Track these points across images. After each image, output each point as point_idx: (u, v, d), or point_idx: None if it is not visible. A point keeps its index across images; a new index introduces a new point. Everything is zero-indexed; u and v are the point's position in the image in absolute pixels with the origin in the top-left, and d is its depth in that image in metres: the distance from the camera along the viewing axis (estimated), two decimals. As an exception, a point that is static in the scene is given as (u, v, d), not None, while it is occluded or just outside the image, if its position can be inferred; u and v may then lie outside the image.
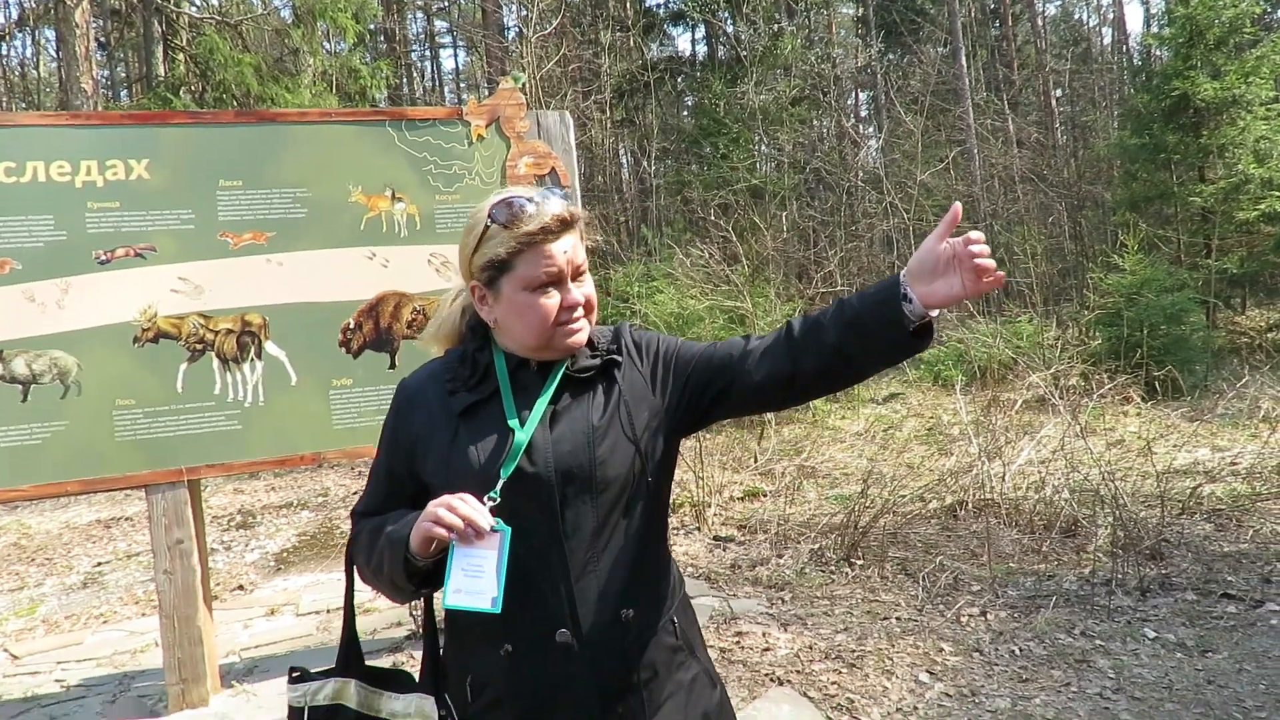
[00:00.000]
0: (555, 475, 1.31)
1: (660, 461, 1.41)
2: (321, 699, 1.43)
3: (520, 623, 1.29)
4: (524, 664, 1.31)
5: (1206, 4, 12.21)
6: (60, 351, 3.44)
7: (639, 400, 1.40)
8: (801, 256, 14.43)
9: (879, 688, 3.38)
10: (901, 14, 21.95)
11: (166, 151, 3.57)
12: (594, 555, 1.32)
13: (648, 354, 1.46)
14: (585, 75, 17.36)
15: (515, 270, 1.32)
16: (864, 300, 1.34)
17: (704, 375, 1.43)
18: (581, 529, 1.31)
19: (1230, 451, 6.55)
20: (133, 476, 3.50)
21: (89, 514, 8.43)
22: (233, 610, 5.10)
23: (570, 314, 1.34)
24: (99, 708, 3.73)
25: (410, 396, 1.44)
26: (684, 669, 1.41)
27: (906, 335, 1.31)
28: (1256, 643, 3.54)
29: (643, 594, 1.37)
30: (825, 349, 1.35)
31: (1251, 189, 12.06)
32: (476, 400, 1.37)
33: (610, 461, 1.33)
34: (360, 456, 3.84)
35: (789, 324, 1.42)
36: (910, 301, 1.29)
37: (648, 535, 1.39)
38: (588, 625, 1.30)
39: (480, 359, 1.40)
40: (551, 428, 1.34)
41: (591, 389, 1.39)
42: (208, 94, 11.80)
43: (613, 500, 1.34)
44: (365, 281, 3.79)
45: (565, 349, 1.36)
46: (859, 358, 1.36)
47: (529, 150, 3.99)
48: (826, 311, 1.38)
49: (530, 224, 1.30)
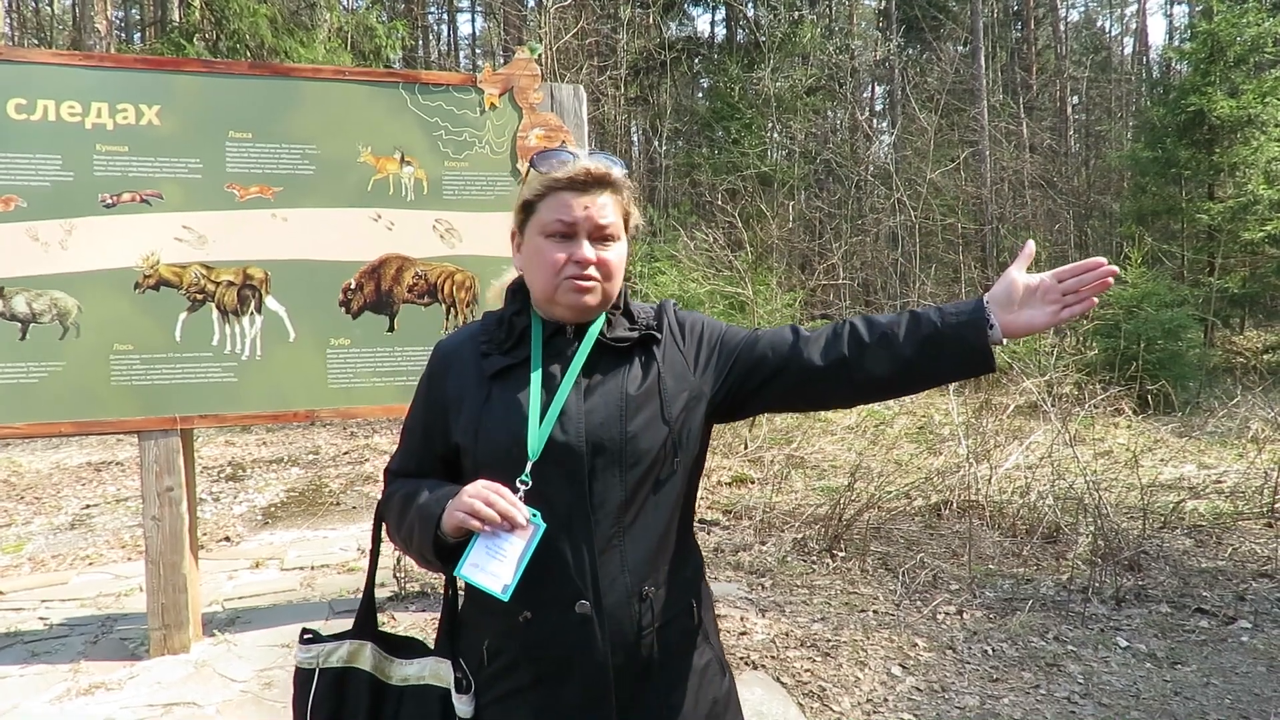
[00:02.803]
0: (586, 445, 1.29)
1: (693, 444, 1.40)
2: (335, 661, 1.41)
3: (541, 590, 1.28)
4: (541, 632, 1.30)
5: (1229, 21, 12.17)
6: (61, 292, 3.44)
7: (678, 380, 1.38)
8: (806, 247, 14.43)
9: (851, 678, 3.43)
10: (924, 9, 21.79)
11: (179, 99, 3.56)
12: (619, 530, 1.31)
13: (691, 335, 1.44)
14: (602, 50, 17.25)
15: (538, 213, 1.33)
16: (945, 320, 1.34)
17: (749, 361, 1.41)
18: (608, 502, 1.30)
19: (1216, 469, 6.59)
20: (127, 421, 3.52)
21: (80, 456, 8.47)
22: (218, 561, 5.13)
23: (579, 269, 1.31)
24: (81, 647, 3.77)
25: (445, 357, 1.43)
26: (698, 653, 1.41)
27: (987, 360, 1.33)
28: (1226, 658, 3.59)
29: (665, 574, 1.36)
30: (898, 360, 1.35)
31: (1260, 210, 12.08)
32: (509, 364, 1.35)
33: (642, 436, 1.32)
34: (354, 416, 3.86)
35: (850, 324, 1.40)
36: (993, 328, 1.32)
37: (674, 516, 1.38)
38: (608, 599, 1.29)
39: (517, 323, 1.39)
40: (586, 398, 1.33)
41: (628, 361, 1.37)
42: (221, 42, 11.72)
43: (641, 476, 1.32)
44: (369, 243, 3.79)
45: (570, 305, 1.33)
46: (928, 373, 1.37)
47: (541, 122, 3.98)
48: (895, 320, 1.38)
49: (559, 170, 1.31)
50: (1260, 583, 4.35)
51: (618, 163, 1.36)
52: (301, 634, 1.45)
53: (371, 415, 3.91)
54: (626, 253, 1.39)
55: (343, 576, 4.76)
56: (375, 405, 3.80)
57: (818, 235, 14.84)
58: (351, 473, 7.64)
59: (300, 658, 1.42)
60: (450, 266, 3.88)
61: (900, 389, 1.42)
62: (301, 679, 1.41)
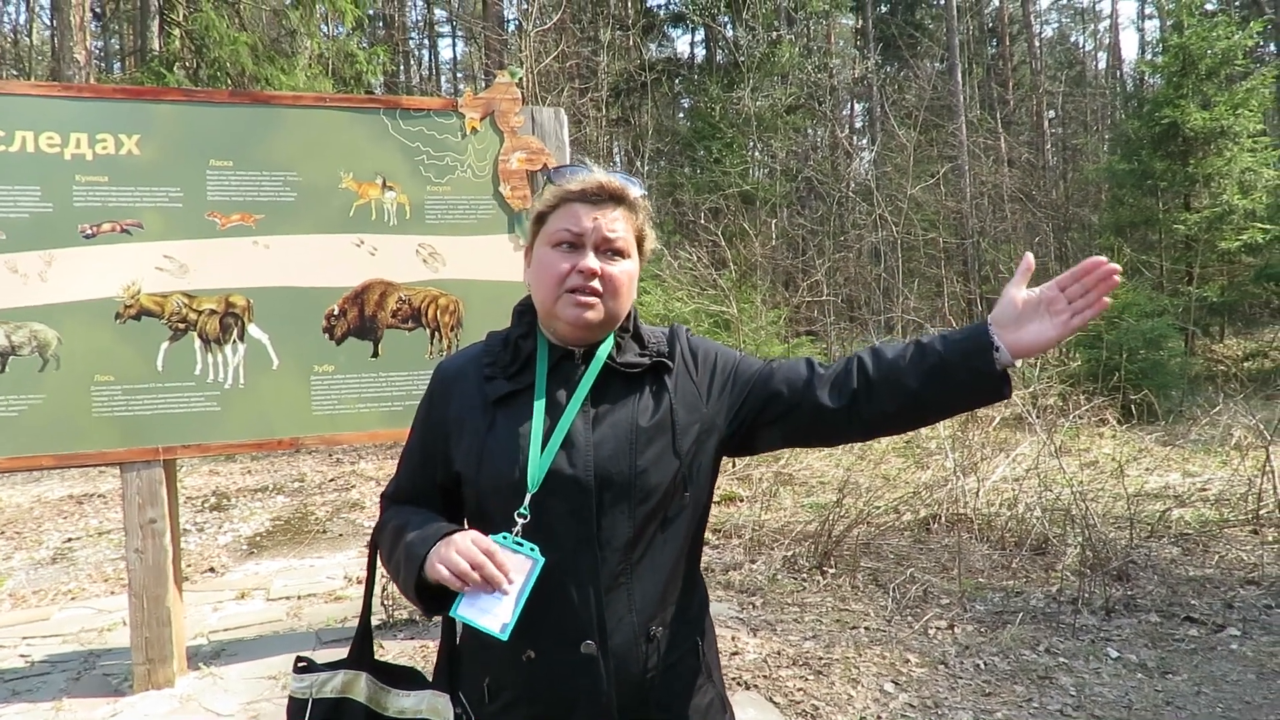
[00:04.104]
0: (594, 479, 1.25)
1: (704, 478, 1.36)
2: (328, 691, 1.37)
3: (545, 629, 1.24)
4: (546, 672, 1.26)
5: (1200, 34, 12.38)
6: (41, 324, 3.41)
7: (690, 411, 1.33)
8: (789, 264, 14.50)
9: (844, 696, 3.41)
10: (900, 28, 22.09)
11: (158, 128, 3.55)
12: (627, 567, 1.27)
13: (705, 364, 1.39)
14: (583, 72, 17.36)
15: (546, 225, 1.32)
16: (950, 348, 1.29)
17: (764, 395, 1.37)
18: (616, 538, 1.26)
19: (1201, 477, 6.64)
20: (108, 453, 3.48)
21: (61, 489, 8.36)
22: (203, 592, 5.07)
23: (582, 279, 1.26)
24: (63, 684, 3.71)
25: (447, 380, 1.39)
26: (701, 693, 1.37)
27: (997, 386, 1.28)
28: (1216, 666, 3.59)
29: (673, 612, 1.32)
30: (905, 393, 1.30)
31: (1235, 219, 12.25)
32: (514, 390, 1.31)
33: (652, 470, 1.27)
34: (339, 443, 3.84)
35: (858, 359, 1.36)
36: (999, 350, 1.27)
37: (683, 552, 1.34)
38: (615, 639, 1.25)
39: (524, 346, 1.35)
40: (594, 428, 1.28)
41: (638, 390, 1.33)
42: (202, 71, 11.72)
43: (650, 512, 1.28)
44: (352, 268, 3.78)
45: (570, 320, 1.28)
46: (939, 404, 1.34)
47: (522, 145, 4.00)
48: (901, 352, 1.34)
49: (572, 183, 1.30)
50: (1248, 590, 4.37)
51: (636, 183, 1.34)
52: (296, 662, 1.42)
53: (357, 441, 3.88)
54: (637, 273, 1.34)
55: (330, 605, 4.71)
56: (360, 431, 3.78)
57: (801, 252, 14.92)
58: (337, 500, 7.58)
59: (294, 687, 1.39)
60: (434, 291, 3.88)
61: (913, 423, 1.39)
62: (294, 709, 1.39)
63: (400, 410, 3.80)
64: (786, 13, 18.50)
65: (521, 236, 3.98)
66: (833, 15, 22.02)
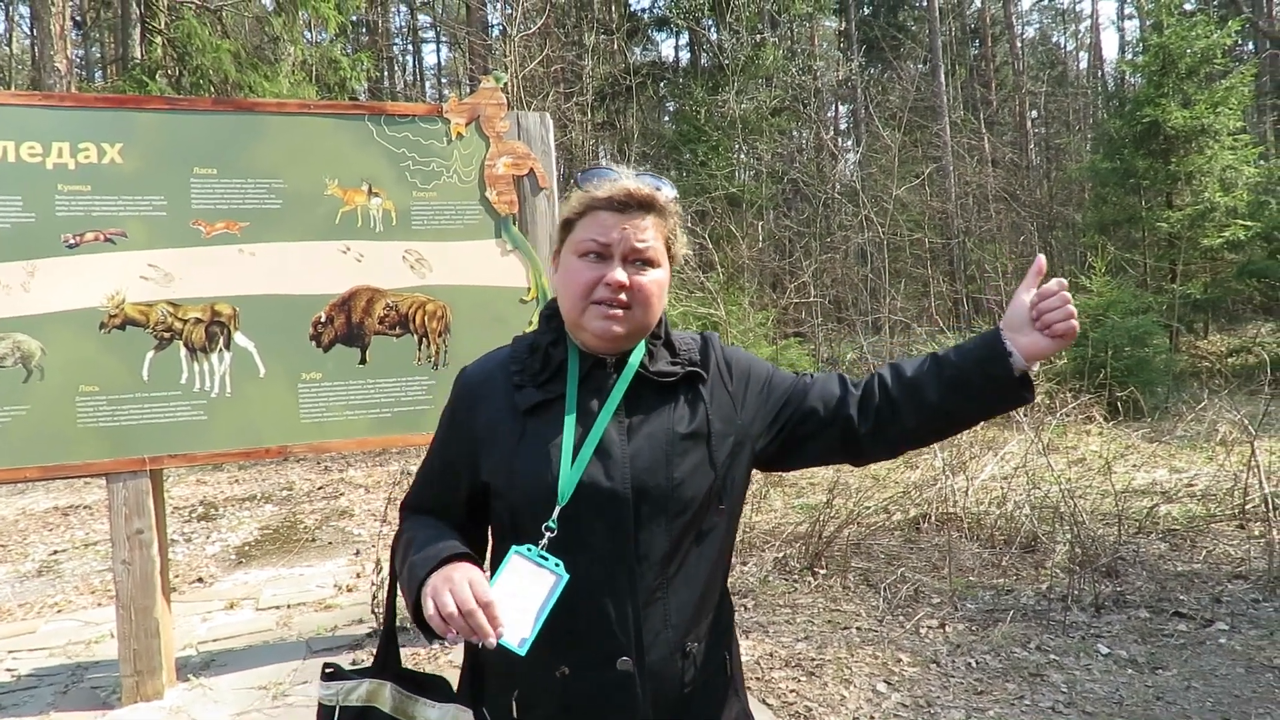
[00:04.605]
0: (631, 492, 1.22)
1: (737, 490, 1.34)
2: (354, 700, 1.36)
3: (581, 645, 1.22)
4: (579, 688, 1.23)
5: (1179, 34, 12.48)
6: (24, 335, 3.38)
7: (725, 422, 1.32)
8: (776, 266, 14.52)
9: (837, 696, 3.42)
10: (883, 30, 22.20)
11: (141, 136, 3.53)
12: (663, 581, 1.24)
13: (739, 374, 1.38)
14: (567, 76, 17.36)
15: (574, 232, 1.28)
16: (965, 359, 1.30)
17: (799, 410, 1.36)
18: (653, 552, 1.23)
19: (1187, 473, 6.68)
20: (94, 464, 3.45)
21: (46, 501, 8.29)
22: (191, 603, 5.03)
23: (610, 292, 1.23)
24: (50, 698, 3.67)
25: (472, 388, 1.34)
26: (728, 709, 1.36)
27: (1016, 390, 1.29)
28: (1205, 661, 3.62)
29: (707, 627, 1.31)
30: (927, 407, 1.31)
31: (1216, 216, 12.35)
32: (545, 399, 1.28)
33: (688, 482, 1.25)
34: (327, 451, 3.82)
35: (879, 376, 1.37)
36: (1012, 355, 1.28)
37: (716, 566, 1.32)
38: (651, 655, 1.23)
39: (554, 354, 1.31)
40: (630, 439, 1.25)
41: (673, 400, 1.30)
42: (184, 79, 11.65)
43: (687, 524, 1.26)
44: (338, 275, 3.77)
45: (597, 333, 1.25)
46: (962, 415, 1.34)
47: (508, 150, 3.99)
48: (919, 367, 1.34)
49: (600, 189, 1.26)
50: (1235, 584, 4.41)
51: (665, 183, 1.30)
52: (324, 669, 1.40)
53: (345, 449, 3.87)
54: (667, 281, 1.31)
55: (320, 614, 4.68)
56: (349, 439, 3.76)
57: (788, 254, 14.95)
58: (326, 508, 7.54)
59: (321, 694, 1.39)
60: (421, 297, 3.87)
61: (937, 435, 1.39)
62: (323, 715, 1.38)
63: (389, 417, 3.79)
64: (770, 16, 18.56)
65: (509, 241, 3.98)
66: (816, 18, 22.11)
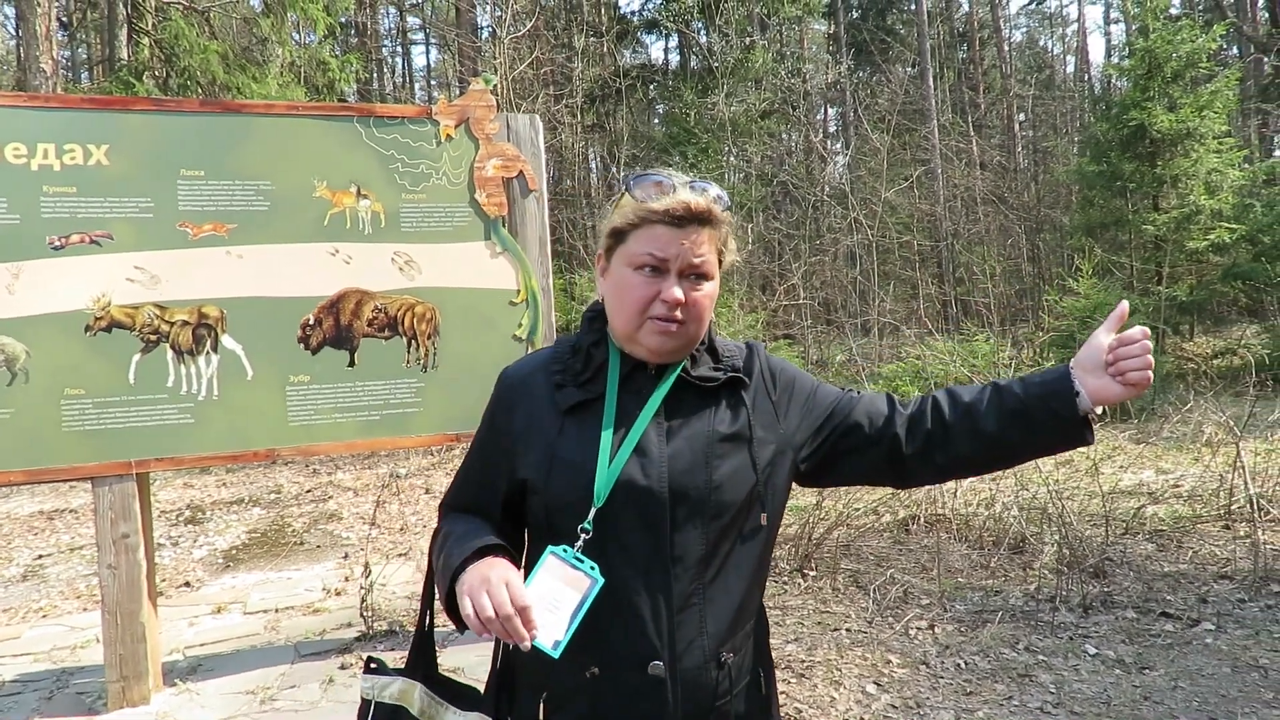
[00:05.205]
0: (668, 492, 1.21)
1: (777, 500, 1.31)
2: (387, 696, 1.37)
3: (612, 646, 1.20)
4: (609, 691, 1.21)
5: (1165, 38, 12.57)
6: (9, 338, 3.36)
7: (767, 429, 1.30)
8: (766, 268, 14.55)
9: (827, 698, 3.42)
10: (872, 33, 22.29)
11: (127, 138, 3.51)
12: (699, 587, 1.22)
13: (783, 384, 1.36)
14: (557, 79, 17.35)
15: (627, 243, 1.24)
16: (1030, 391, 1.27)
17: (843, 425, 1.34)
18: (689, 555, 1.22)
19: (1173, 474, 6.73)
20: (80, 468, 3.43)
21: (31, 504, 8.22)
22: (178, 607, 5.00)
23: (666, 309, 1.21)
24: (35, 704, 3.64)
25: (513, 388, 1.34)
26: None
27: (1078, 430, 1.26)
28: (1191, 661, 3.64)
29: (742, 637, 1.29)
30: (983, 436, 1.29)
31: (1202, 219, 12.44)
32: (586, 399, 1.27)
33: (726, 487, 1.24)
34: (316, 454, 3.80)
35: (934, 400, 1.34)
36: (1079, 395, 1.24)
37: (755, 578, 1.30)
38: (685, 662, 1.21)
39: (595, 355, 1.31)
40: (669, 440, 1.24)
41: (714, 404, 1.29)
42: (172, 80, 11.58)
43: (724, 529, 1.24)
44: (327, 277, 3.75)
45: (653, 348, 1.25)
46: (1017, 448, 1.31)
47: (497, 152, 3.99)
48: (978, 394, 1.32)
49: (656, 201, 1.21)
50: (1221, 584, 4.44)
51: (720, 196, 1.26)
52: (367, 662, 1.42)
53: (334, 452, 3.85)
54: (718, 290, 1.30)
55: (309, 618, 4.65)
56: (337, 442, 3.75)
57: (777, 256, 14.98)
58: (314, 511, 7.50)
59: (362, 686, 1.41)
60: (411, 299, 3.86)
61: (989, 466, 1.37)
62: (362, 707, 1.39)
63: (378, 420, 3.78)
64: (759, 19, 18.61)
65: (498, 243, 3.97)
66: (805, 21, 22.19)
